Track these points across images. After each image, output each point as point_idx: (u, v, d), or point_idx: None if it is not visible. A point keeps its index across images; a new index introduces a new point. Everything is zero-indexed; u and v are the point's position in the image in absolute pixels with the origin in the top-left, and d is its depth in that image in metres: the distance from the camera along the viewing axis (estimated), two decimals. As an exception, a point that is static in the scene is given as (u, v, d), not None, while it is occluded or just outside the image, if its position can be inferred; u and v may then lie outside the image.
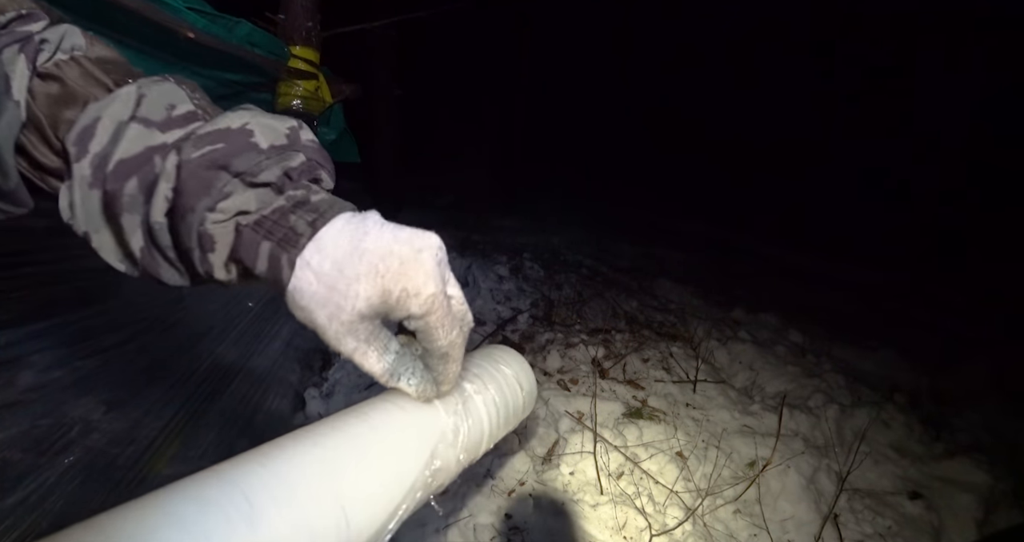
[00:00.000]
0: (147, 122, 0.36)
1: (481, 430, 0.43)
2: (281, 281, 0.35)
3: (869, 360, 3.30)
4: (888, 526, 1.86)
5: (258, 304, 1.76)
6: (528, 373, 0.52)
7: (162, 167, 0.35)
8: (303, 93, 1.88)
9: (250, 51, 1.53)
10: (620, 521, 1.67)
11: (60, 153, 0.36)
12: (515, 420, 0.49)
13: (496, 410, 0.45)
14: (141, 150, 0.35)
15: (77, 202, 0.36)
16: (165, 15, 1.13)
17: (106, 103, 0.36)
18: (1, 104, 0.34)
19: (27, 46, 0.35)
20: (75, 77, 0.37)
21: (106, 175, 0.35)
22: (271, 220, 0.35)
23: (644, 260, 5.27)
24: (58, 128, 0.36)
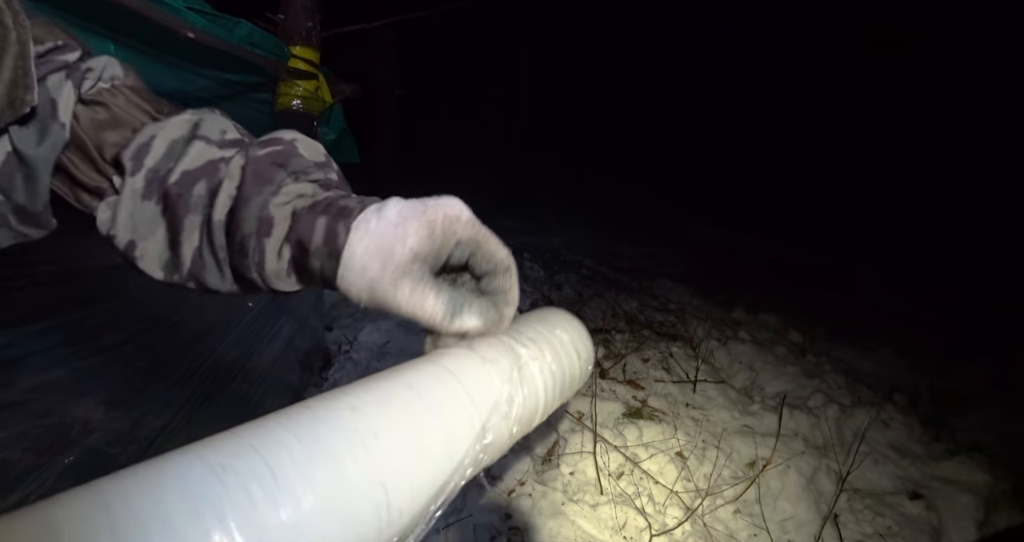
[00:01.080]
0: (208, 140, 0.41)
1: (536, 400, 0.39)
2: (337, 247, 0.37)
3: (869, 360, 3.30)
4: (888, 526, 1.86)
5: (258, 304, 1.76)
6: (586, 339, 0.48)
7: (227, 171, 0.40)
8: (303, 93, 1.88)
9: (250, 51, 1.53)
10: (620, 521, 1.67)
11: (105, 172, 0.40)
12: (570, 390, 0.45)
13: (552, 379, 0.41)
14: (205, 162, 0.41)
15: (123, 214, 0.39)
16: (165, 15, 1.13)
17: (161, 126, 0.41)
18: (46, 126, 0.37)
19: (74, 74, 0.39)
20: (120, 104, 0.41)
21: (168, 185, 0.39)
22: (324, 203, 0.39)
23: (644, 260, 5.27)
24: (103, 150, 0.40)
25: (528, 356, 0.40)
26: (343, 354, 2.54)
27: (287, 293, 0.42)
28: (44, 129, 0.37)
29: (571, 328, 0.46)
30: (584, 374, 0.47)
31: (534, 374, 0.39)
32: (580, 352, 0.45)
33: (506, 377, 0.37)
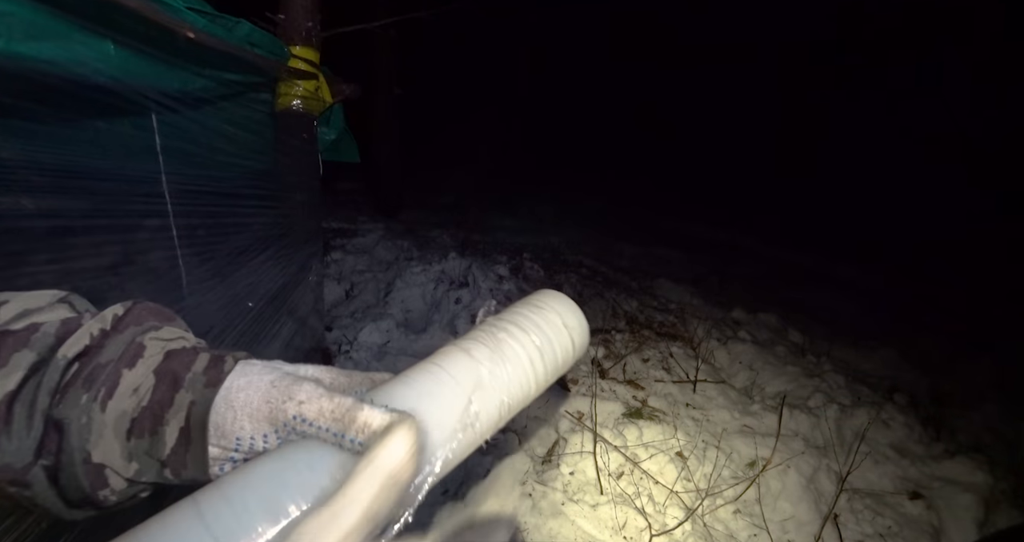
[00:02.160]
0: (73, 307, 0.39)
1: (524, 373, 0.44)
2: (222, 373, 0.35)
3: (869, 360, 3.30)
4: (888, 526, 1.86)
5: (258, 304, 1.76)
6: (573, 311, 0.52)
7: (93, 318, 0.36)
8: (303, 93, 1.88)
9: (250, 51, 1.53)
10: (620, 521, 1.67)
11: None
12: (564, 361, 0.50)
13: (538, 352, 0.46)
14: (65, 318, 0.36)
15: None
16: (165, 15, 1.13)
17: (17, 295, 0.37)
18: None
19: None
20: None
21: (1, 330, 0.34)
22: (206, 348, 0.39)
23: (644, 260, 5.27)
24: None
25: (508, 337, 0.45)
26: (343, 354, 2.54)
27: (91, 474, 0.33)
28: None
29: (554, 303, 0.51)
30: (579, 344, 0.52)
31: (516, 351, 0.44)
32: (568, 323, 0.50)
33: (486, 358, 0.42)
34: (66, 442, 0.32)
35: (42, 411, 0.32)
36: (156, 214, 1.40)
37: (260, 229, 1.82)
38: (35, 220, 1.05)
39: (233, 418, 0.33)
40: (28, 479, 0.32)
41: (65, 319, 0.36)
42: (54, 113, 1.10)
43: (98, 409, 0.33)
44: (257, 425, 0.33)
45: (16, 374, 0.32)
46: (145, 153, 1.34)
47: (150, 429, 0.34)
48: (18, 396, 0.32)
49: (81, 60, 1.04)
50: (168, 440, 0.34)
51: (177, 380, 0.35)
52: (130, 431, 0.34)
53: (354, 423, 0.31)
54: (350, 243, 3.91)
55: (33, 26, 0.94)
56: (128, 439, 0.34)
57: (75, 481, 0.33)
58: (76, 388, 0.33)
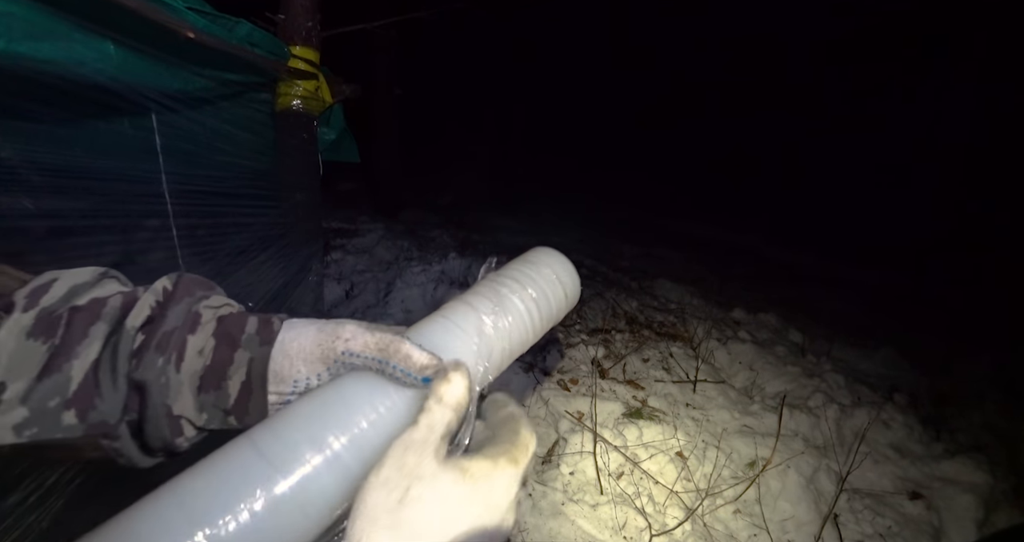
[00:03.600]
0: (120, 281, 0.43)
1: (523, 322, 0.50)
2: (272, 333, 0.41)
3: (869, 360, 3.30)
4: (888, 526, 1.86)
5: (258, 304, 1.76)
6: (565, 265, 0.58)
7: (147, 290, 0.41)
8: (303, 93, 1.88)
9: (250, 51, 1.53)
10: (620, 521, 1.67)
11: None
12: (559, 309, 0.56)
13: (535, 304, 0.51)
14: (118, 292, 0.41)
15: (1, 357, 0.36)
16: (165, 15, 1.13)
17: (63, 272, 0.41)
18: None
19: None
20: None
21: (67, 308, 0.38)
22: (250, 312, 0.44)
23: (644, 260, 5.27)
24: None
25: (508, 291, 0.50)
26: (343, 354, 2.54)
27: (172, 425, 0.39)
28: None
29: (550, 260, 0.57)
30: (571, 295, 0.57)
31: (515, 304, 0.50)
32: (561, 278, 0.56)
33: (488, 311, 0.47)
34: (149, 399, 0.38)
35: (124, 375, 0.37)
36: (156, 214, 1.40)
37: (260, 229, 1.82)
38: (35, 220, 1.05)
39: (290, 365, 0.39)
40: (118, 432, 0.38)
41: (123, 292, 0.41)
42: (54, 113, 1.10)
43: (173, 370, 0.38)
44: (312, 366, 0.39)
45: (96, 344, 0.37)
46: (145, 153, 1.34)
47: (215, 384, 0.40)
48: (100, 363, 0.37)
49: (81, 60, 1.04)
50: (232, 392, 0.40)
51: (234, 341, 0.40)
52: (200, 387, 0.40)
53: (398, 353, 0.38)
54: (350, 243, 3.91)
55: (33, 26, 0.94)
56: (199, 394, 0.40)
57: (159, 432, 0.39)
58: (150, 353, 0.38)
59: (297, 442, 0.34)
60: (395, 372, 0.37)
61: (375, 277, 3.34)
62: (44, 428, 0.36)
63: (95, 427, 0.37)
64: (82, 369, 0.37)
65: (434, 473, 0.33)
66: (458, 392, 0.37)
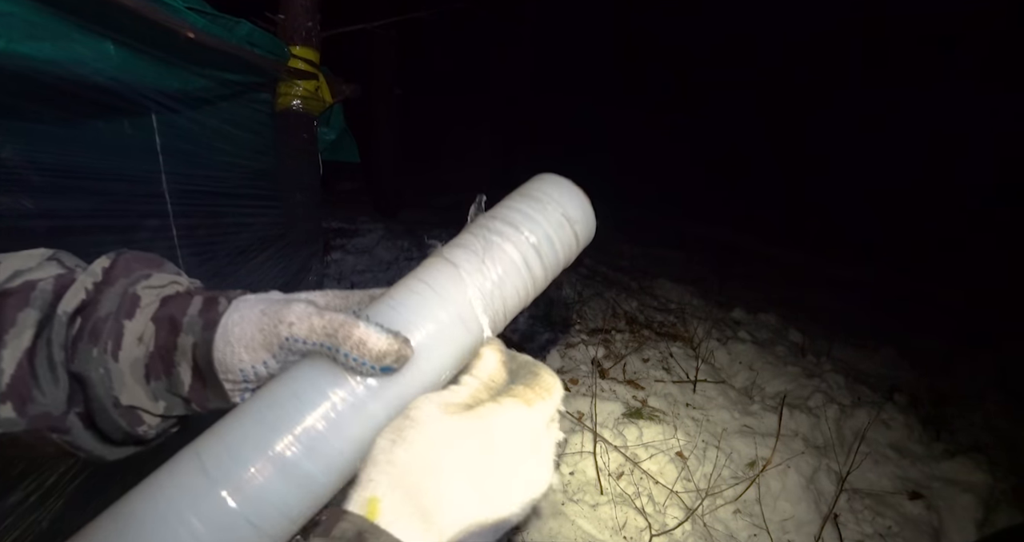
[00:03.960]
0: (62, 264, 0.39)
1: (520, 276, 0.42)
2: (216, 315, 0.36)
3: (869, 360, 3.31)
4: (888, 526, 1.86)
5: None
6: (575, 199, 0.47)
7: (84, 272, 0.37)
8: (303, 93, 1.88)
9: (250, 51, 1.53)
10: (620, 521, 1.67)
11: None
12: (567, 258, 0.48)
13: (537, 254, 0.43)
14: (57, 274, 0.37)
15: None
16: (165, 15, 1.13)
17: (8, 256, 0.38)
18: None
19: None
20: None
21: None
22: (197, 290, 0.40)
23: (644, 260, 5.27)
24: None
25: (500, 240, 0.42)
26: (343, 354, 2.54)
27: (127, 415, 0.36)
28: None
29: (555, 194, 0.47)
30: (583, 236, 0.49)
31: (509, 255, 0.41)
32: (571, 216, 0.46)
33: (474, 269, 0.39)
34: (92, 392, 0.35)
35: (61, 364, 0.35)
36: (156, 214, 1.40)
37: (260, 229, 1.82)
38: (35, 220, 1.05)
39: (232, 353, 0.35)
40: (66, 425, 0.35)
41: (58, 275, 0.37)
42: (54, 113, 1.10)
43: (111, 360, 0.35)
44: (254, 354, 0.35)
45: (27, 332, 0.35)
46: (145, 153, 1.35)
47: (164, 371, 0.36)
48: (35, 353, 0.34)
49: (81, 60, 1.04)
50: (184, 379, 0.36)
51: (175, 325, 0.36)
52: (147, 375, 0.36)
53: (349, 339, 0.32)
54: (350, 243, 3.91)
55: (33, 26, 0.94)
56: (148, 382, 0.36)
57: (112, 424, 0.36)
58: (84, 343, 0.35)
59: (244, 454, 0.31)
60: (348, 361, 0.33)
61: (375, 277, 3.34)
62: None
63: (37, 420, 0.34)
64: (13, 359, 0.34)
65: (434, 416, 0.32)
66: (490, 367, 0.37)
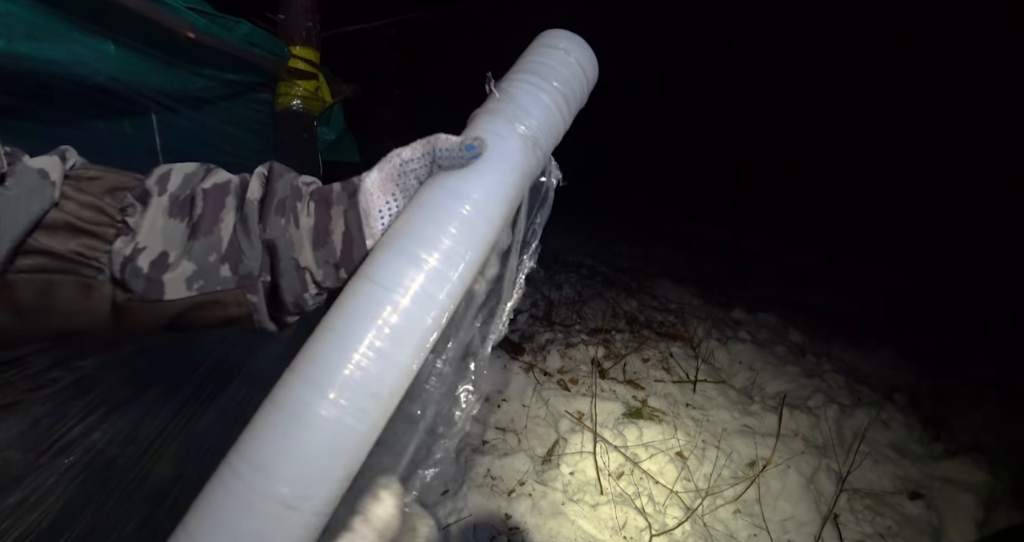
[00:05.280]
0: (222, 172, 0.49)
1: (553, 115, 0.49)
2: (353, 186, 0.47)
3: (869, 360, 3.30)
4: (888, 526, 1.86)
5: (258, 304, 1.76)
6: (579, 46, 0.54)
7: (254, 173, 0.48)
8: (303, 93, 1.88)
9: (250, 51, 1.53)
10: (620, 521, 1.68)
11: (114, 217, 0.43)
12: (583, 97, 0.55)
13: (563, 97, 0.51)
14: (228, 179, 0.48)
15: (151, 230, 0.43)
16: (165, 15, 1.13)
17: (173, 165, 0.47)
18: (38, 187, 0.39)
19: (54, 152, 0.43)
20: (106, 173, 0.45)
21: (197, 192, 0.45)
22: (330, 184, 0.50)
23: (644, 260, 5.27)
24: (111, 200, 0.43)
25: (534, 90, 0.49)
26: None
27: (301, 276, 0.46)
28: (31, 188, 0.38)
29: (567, 45, 0.53)
30: (591, 76, 0.55)
31: (544, 101, 0.49)
32: (582, 62, 0.53)
33: (519, 116, 0.47)
34: (280, 253, 0.45)
35: (257, 235, 0.44)
36: (156, 214, 1.40)
37: (260, 229, 1.81)
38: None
39: (369, 197, 0.46)
40: (258, 286, 0.45)
41: (238, 176, 0.48)
42: (54, 113, 1.10)
43: (294, 227, 0.45)
44: (384, 188, 0.46)
45: (232, 213, 0.45)
46: (145, 153, 1.35)
47: (323, 241, 0.46)
48: (237, 227, 0.44)
49: (81, 60, 1.04)
50: (336, 245, 0.46)
51: (328, 200, 0.47)
52: (314, 242, 0.46)
53: (438, 140, 0.44)
54: (350, 243, 3.91)
55: (33, 26, 0.94)
56: (314, 249, 0.46)
57: (291, 285, 0.45)
58: (273, 215, 0.45)
59: (397, 263, 0.40)
60: (442, 157, 0.43)
61: (375, 277, 3.34)
62: (208, 281, 0.43)
63: (244, 278, 0.44)
64: (228, 230, 0.44)
65: None
66: (387, 513, 0.39)
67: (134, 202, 0.43)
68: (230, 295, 0.44)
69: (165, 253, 0.42)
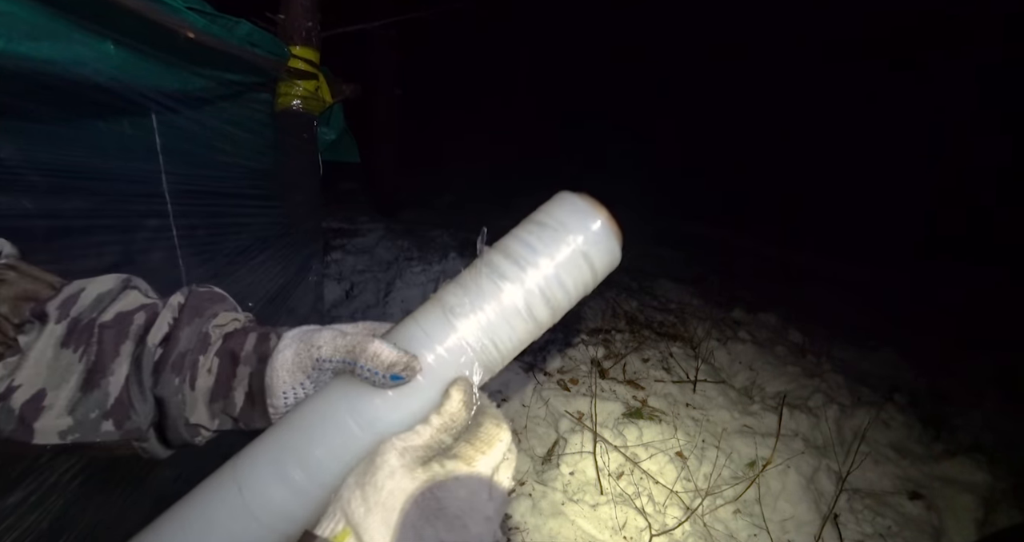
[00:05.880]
0: (141, 290, 0.48)
1: (521, 320, 0.41)
2: (268, 350, 0.45)
3: (869, 360, 3.30)
4: (888, 526, 1.86)
5: (258, 304, 1.76)
6: (595, 229, 0.44)
7: (165, 305, 0.46)
8: (303, 93, 1.88)
9: (250, 51, 1.53)
10: (620, 521, 1.67)
11: (7, 332, 0.42)
12: (580, 295, 0.45)
13: (543, 297, 0.41)
14: (140, 305, 0.46)
15: (34, 365, 0.41)
16: (165, 15, 1.13)
17: (90, 281, 0.46)
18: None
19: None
20: (21, 275, 0.44)
21: (97, 325, 0.43)
22: (252, 327, 0.49)
23: (644, 260, 5.27)
24: (12, 315, 0.42)
25: (502, 282, 0.41)
26: (343, 354, 2.54)
27: (190, 430, 0.45)
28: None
29: (573, 223, 0.44)
30: (601, 269, 0.45)
31: (511, 300, 0.41)
32: (589, 253, 0.43)
33: (463, 312, 0.40)
34: (169, 412, 0.44)
35: (149, 388, 0.43)
36: (156, 214, 1.40)
37: (260, 229, 1.81)
38: (35, 220, 1.05)
39: (277, 377, 0.43)
40: (147, 436, 0.45)
41: (144, 306, 0.46)
42: (54, 113, 1.10)
43: (188, 388, 0.44)
44: (293, 375, 0.43)
45: (126, 362, 0.43)
46: (145, 153, 1.34)
47: (224, 395, 0.45)
48: (130, 379, 0.43)
49: (81, 60, 1.04)
50: (237, 402, 0.45)
51: (236, 358, 0.45)
52: (211, 399, 0.45)
53: (365, 352, 0.39)
54: (350, 243, 3.91)
55: (33, 26, 0.94)
56: (210, 404, 0.45)
57: (179, 436, 0.45)
58: (168, 372, 0.43)
59: (263, 471, 0.38)
60: (363, 372, 0.39)
61: (375, 277, 3.34)
62: (85, 434, 0.42)
63: (130, 433, 0.43)
64: (117, 385, 0.43)
65: (393, 466, 0.34)
66: (453, 408, 0.38)
67: (33, 320, 0.42)
68: (112, 444, 0.43)
69: (42, 392, 0.40)
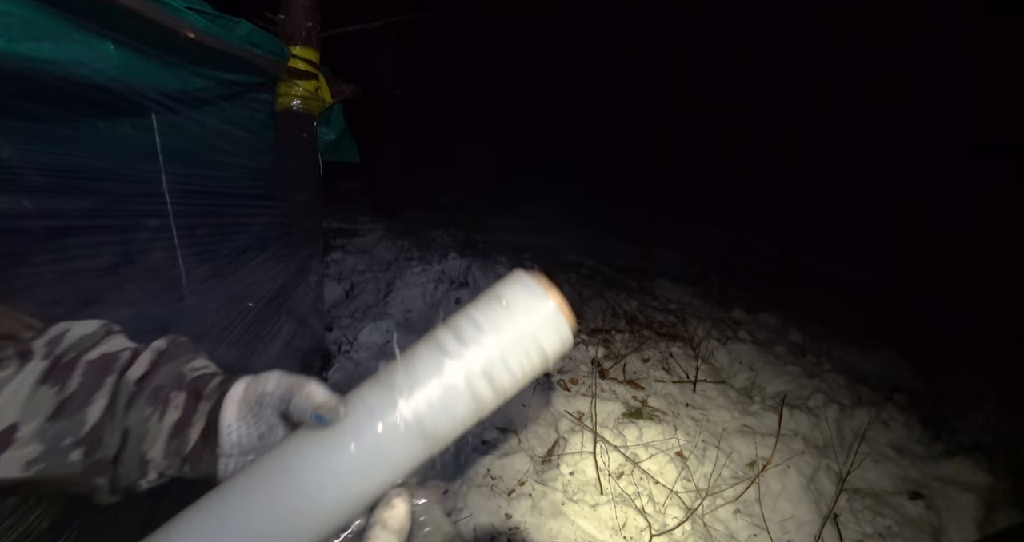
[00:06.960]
0: (124, 335, 0.49)
1: (461, 398, 0.41)
2: (227, 388, 0.46)
3: (869, 360, 3.30)
4: (888, 526, 1.86)
5: (258, 304, 1.76)
6: (545, 312, 0.44)
7: (148, 348, 0.48)
8: (303, 93, 1.88)
9: (250, 51, 1.53)
10: (620, 521, 1.67)
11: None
12: (528, 374, 0.44)
13: (485, 376, 0.41)
14: (123, 347, 0.47)
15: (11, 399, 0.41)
16: (165, 15, 1.13)
17: (74, 323, 0.47)
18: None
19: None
20: None
21: (80, 362, 0.44)
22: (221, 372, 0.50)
23: (644, 260, 5.27)
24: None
25: (446, 358, 0.42)
26: (343, 354, 2.54)
27: (141, 468, 0.45)
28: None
29: (523, 302, 0.44)
30: (552, 351, 0.45)
31: (453, 378, 0.41)
32: (539, 335, 0.43)
33: (405, 393, 0.41)
34: (128, 445, 0.44)
35: (120, 419, 0.44)
36: (156, 214, 1.40)
37: (260, 229, 1.82)
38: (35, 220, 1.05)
39: (226, 409, 0.44)
40: (107, 470, 0.43)
41: (130, 348, 0.48)
42: (54, 113, 1.10)
43: (156, 420, 0.44)
44: (240, 409, 0.44)
45: (108, 394, 0.44)
46: (145, 153, 1.35)
47: (181, 433, 0.45)
48: (108, 409, 0.43)
49: (81, 60, 1.04)
50: (191, 439, 0.45)
51: (199, 394, 0.46)
52: (171, 435, 0.45)
53: (301, 390, 0.41)
54: (350, 243, 3.91)
55: (33, 26, 0.94)
56: (169, 441, 0.45)
57: (128, 474, 0.44)
58: (142, 404, 0.44)
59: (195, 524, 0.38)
60: (293, 410, 0.40)
61: (375, 277, 3.34)
62: (51, 464, 0.41)
63: (95, 465, 0.43)
64: (95, 415, 0.43)
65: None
66: (400, 514, 0.39)
67: (12, 357, 0.42)
68: (74, 477, 0.43)
69: (14, 426, 0.40)
